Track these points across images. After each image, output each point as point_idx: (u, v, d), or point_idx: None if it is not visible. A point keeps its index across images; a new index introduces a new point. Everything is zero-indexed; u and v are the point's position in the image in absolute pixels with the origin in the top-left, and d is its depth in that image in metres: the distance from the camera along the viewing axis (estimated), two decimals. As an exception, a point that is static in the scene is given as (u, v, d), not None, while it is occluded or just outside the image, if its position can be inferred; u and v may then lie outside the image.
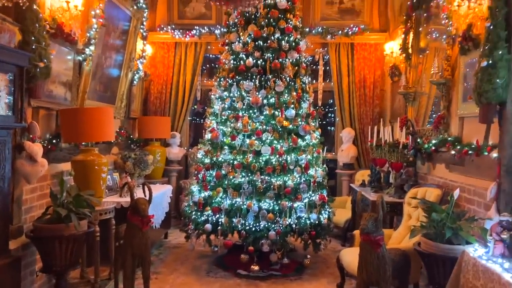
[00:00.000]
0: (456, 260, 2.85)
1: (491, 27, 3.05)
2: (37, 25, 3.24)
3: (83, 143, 4.17)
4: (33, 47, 3.19)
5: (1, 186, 2.93)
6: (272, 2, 4.66)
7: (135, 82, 6.17)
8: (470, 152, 3.52)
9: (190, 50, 6.98)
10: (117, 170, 5.39)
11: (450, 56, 4.27)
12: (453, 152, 3.83)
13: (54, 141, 3.89)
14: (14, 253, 3.12)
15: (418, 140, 4.78)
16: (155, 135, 6.45)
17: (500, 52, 2.98)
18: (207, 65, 7.48)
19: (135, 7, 5.64)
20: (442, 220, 3.08)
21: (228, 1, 2.77)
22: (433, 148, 4.34)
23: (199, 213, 4.59)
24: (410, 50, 5.51)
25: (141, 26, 6.02)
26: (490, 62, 3.00)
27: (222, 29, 6.66)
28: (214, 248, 4.57)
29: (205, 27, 6.86)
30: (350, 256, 3.81)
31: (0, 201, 2.93)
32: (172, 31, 6.89)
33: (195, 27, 6.87)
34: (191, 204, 4.78)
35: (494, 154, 3.11)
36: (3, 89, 2.92)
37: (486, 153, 3.28)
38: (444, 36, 4.41)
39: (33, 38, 3.20)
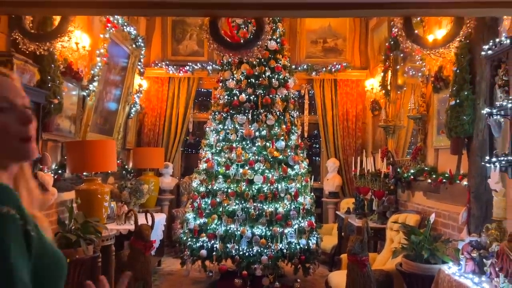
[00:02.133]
0: (433, 277, 3.16)
1: (458, 71, 3.51)
2: (52, 65, 3.57)
3: (84, 174, 4.42)
4: (49, 85, 3.50)
5: (17, 213, 3.15)
6: (264, 44, 5.10)
7: (131, 115, 6.48)
8: (444, 180, 3.91)
9: (183, 84, 7.35)
10: (113, 199, 5.60)
11: (424, 93, 4.72)
12: (429, 180, 4.21)
13: (59, 171, 4.14)
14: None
15: (398, 169, 5.17)
16: (149, 165, 6.71)
17: (466, 93, 3.41)
18: (199, 99, 7.85)
19: (133, 46, 6.02)
20: (421, 242, 3.41)
21: (235, 52, 3.14)
22: (412, 177, 4.72)
23: (194, 240, 4.82)
24: (389, 87, 5.96)
25: (139, 63, 6.38)
26: (458, 101, 3.43)
27: (213, 66, 7.06)
28: (209, 273, 4.79)
29: (198, 64, 7.25)
30: (338, 278, 4.09)
31: (16, 227, 3.14)
32: (166, 66, 7.26)
33: (188, 63, 7.25)
34: (186, 231, 5.01)
35: (464, 182, 3.50)
36: (22, 124, 3.20)
37: (458, 181, 3.67)
38: (420, 74, 4.88)
39: (49, 77, 3.51)
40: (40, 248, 0.87)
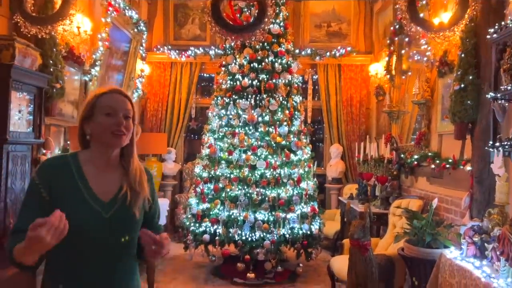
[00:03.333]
0: (435, 262, 3.17)
1: (462, 55, 3.46)
2: (54, 49, 3.55)
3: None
4: (51, 69, 3.48)
5: (21, 197, 3.17)
6: (266, 27, 5.04)
7: (134, 100, 6.45)
8: (447, 166, 3.89)
9: (186, 69, 7.32)
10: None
11: (429, 78, 4.67)
12: (433, 166, 4.19)
13: (63, 156, 4.16)
14: (30, 260, 3.35)
15: (402, 155, 5.15)
16: (151, 150, 6.71)
17: (470, 77, 3.37)
18: (202, 84, 7.82)
19: (135, 30, 5.98)
20: (423, 227, 3.41)
21: (237, 36, 3.11)
22: (415, 162, 4.71)
23: (197, 224, 4.86)
24: (393, 72, 5.90)
25: (141, 47, 6.35)
26: (462, 86, 3.39)
27: (216, 50, 7.02)
28: (212, 257, 4.84)
29: (200, 48, 7.20)
30: (340, 263, 4.12)
31: (20, 211, 3.17)
32: (168, 51, 7.21)
33: (190, 48, 7.20)
34: (189, 216, 5.04)
35: (468, 168, 3.48)
36: (25, 108, 3.20)
37: (461, 167, 3.66)
38: (424, 59, 4.82)
39: (51, 61, 3.50)
40: (56, 206, 1.31)
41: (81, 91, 4.63)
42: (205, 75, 7.64)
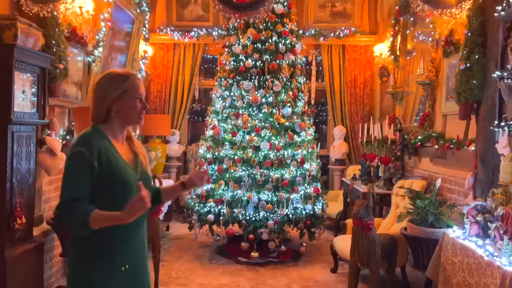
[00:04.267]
0: (437, 241, 3.19)
1: (469, 33, 3.41)
2: (57, 29, 3.53)
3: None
4: (54, 50, 3.47)
5: (27, 177, 3.21)
6: (270, 6, 4.98)
7: (137, 81, 6.43)
8: (451, 146, 3.89)
9: (189, 51, 7.27)
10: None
11: (434, 58, 4.63)
12: (436, 146, 4.19)
13: (67, 137, 4.17)
14: (37, 239, 3.40)
15: (405, 136, 5.14)
16: (156, 132, 6.73)
17: (477, 56, 3.33)
18: (205, 65, 7.78)
19: (138, 10, 5.92)
20: (426, 206, 3.43)
21: (241, 13, 3.07)
22: (419, 143, 4.70)
23: (202, 205, 4.90)
24: (398, 52, 5.86)
25: (143, 28, 6.30)
26: (468, 65, 3.36)
27: (219, 31, 6.96)
28: (217, 237, 4.90)
29: (203, 29, 7.14)
30: (343, 243, 4.16)
31: (26, 191, 3.20)
32: (171, 32, 7.16)
33: (194, 28, 7.14)
34: (193, 196, 5.08)
35: (472, 148, 3.47)
36: (28, 89, 3.20)
37: (465, 147, 3.65)
38: (430, 39, 4.77)
39: (53, 41, 3.48)
40: (106, 171, 1.67)
41: (84, 72, 4.61)
42: (208, 56, 7.59)
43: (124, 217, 1.56)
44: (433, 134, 4.40)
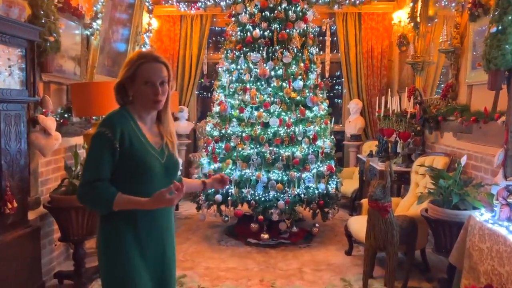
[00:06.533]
0: (462, 225, 2.91)
1: (501, -8, 3.01)
2: (45, -1, 3.25)
3: (93, 117, 4.23)
4: (43, 21, 3.21)
5: (18, 158, 3.01)
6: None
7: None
8: (478, 119, 3.54)
9: (196, 23, 6.94)
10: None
11: (459, 23, 4.23)
12: (460, 120, 3.84)
13: (66, 115, 3.96)
14: (33, 223, 3.23)
15: (426, 109, 4.79)
16: (163, 109, 6.49)
17: (510, 18, 2.93)
18: (213, 38, 7.44)
19: (140, -20, 5.60)
20: (449, 186, 3.13)
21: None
22: (441, 117, 4.36)
23: (209, 185, 4.67)
24: (418, 19, 5.43)
25: (147, 0, 5.98)
26: (500, 28, 2.97)
27: (227, 1, 6.60)
28: (225, 218, 4.69)
29: (210, -1, 6.79)
30: (358, 224, 3.91)
31: (18, 173, 3.01)
32: (177, 3, 6.83)
33: (200, -1, 6.80)
34: (201, 176, 4.86)
35: (502, 120, 3.12)
36: (15, 64, 2.97)
37: (494, 120, 3.30)
38: (453, 4, 4.35)
39: (42, 12, 3.21)
40: (128, 153, 1.67)
41: (83, 46, 4.36)
42: (216, 28, 7.25)
43: (147, 205, 1.61)
44: (457, 107, 4.05)
